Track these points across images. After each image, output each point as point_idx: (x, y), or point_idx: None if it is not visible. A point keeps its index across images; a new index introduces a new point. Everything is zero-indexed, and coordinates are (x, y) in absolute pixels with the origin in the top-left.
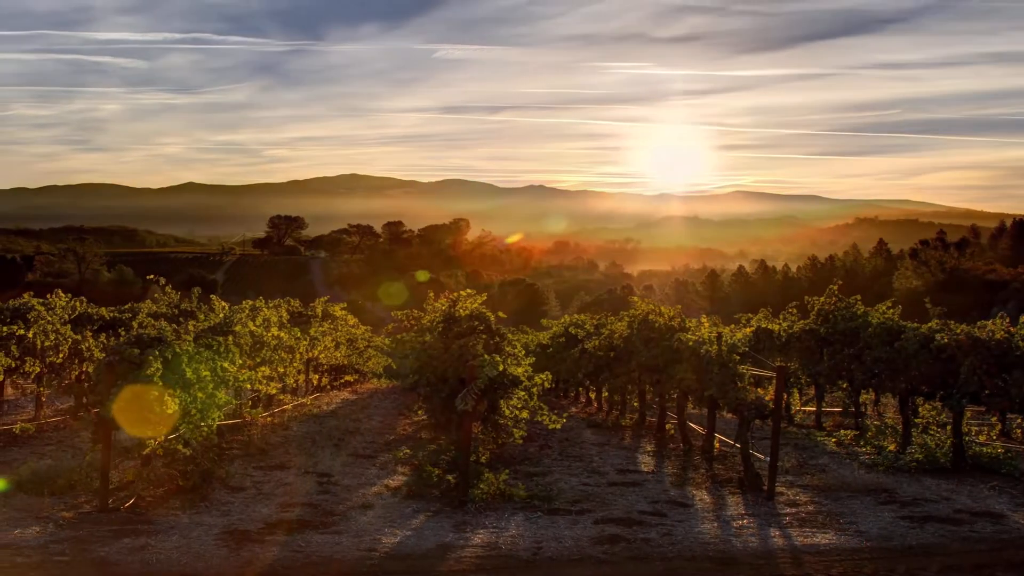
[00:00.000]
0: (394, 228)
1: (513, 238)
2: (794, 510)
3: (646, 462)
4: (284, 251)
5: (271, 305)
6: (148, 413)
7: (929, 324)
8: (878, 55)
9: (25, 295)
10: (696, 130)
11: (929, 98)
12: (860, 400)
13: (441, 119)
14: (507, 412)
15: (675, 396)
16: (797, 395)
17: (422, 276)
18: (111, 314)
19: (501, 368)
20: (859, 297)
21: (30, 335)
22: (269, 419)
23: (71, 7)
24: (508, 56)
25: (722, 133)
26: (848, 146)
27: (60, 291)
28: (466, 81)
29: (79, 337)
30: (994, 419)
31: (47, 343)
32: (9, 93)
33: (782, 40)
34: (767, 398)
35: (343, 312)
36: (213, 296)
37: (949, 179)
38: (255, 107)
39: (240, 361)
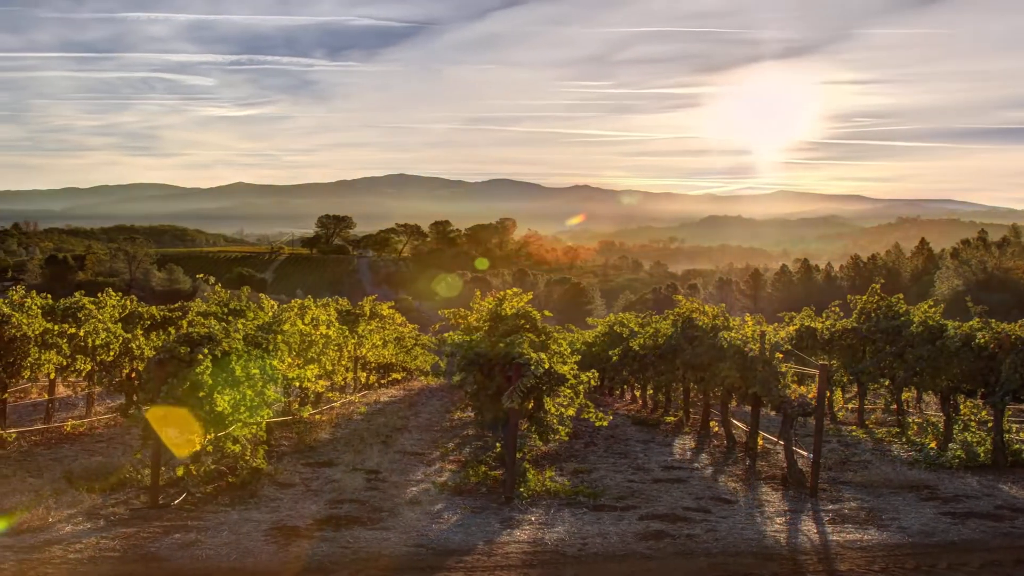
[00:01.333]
0: (441, 227)
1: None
2: (837, 506)
3: (690, 459)
4: (332, 250)
5: (320, 304)
6: (198, 411)
7: (970, 323)
8: (817, 75)
9: (76, 294)
10: (714, 135)
11: (897, 111)
12: (902, 398)
13: (467, 129)
14: (553, 410)
15: (719, 394)
16: (840, 393)
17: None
18: (161, 313)
19: (547, 366)
20: (901, 296)
21: (81, 333)
22: (318, 416)
23: (149, 35)
24: (503, 76)
25: (734, 138)
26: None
27: (111, 290)
28: (475, 96)
29: (130, 335)
30: None
31: (98, 341)
32: (84, 106)
33: (726, 63)
34: (810, 396)
35: (391, 311)
36: (262, 295)
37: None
38: (294, 118)
39: (289, 359)
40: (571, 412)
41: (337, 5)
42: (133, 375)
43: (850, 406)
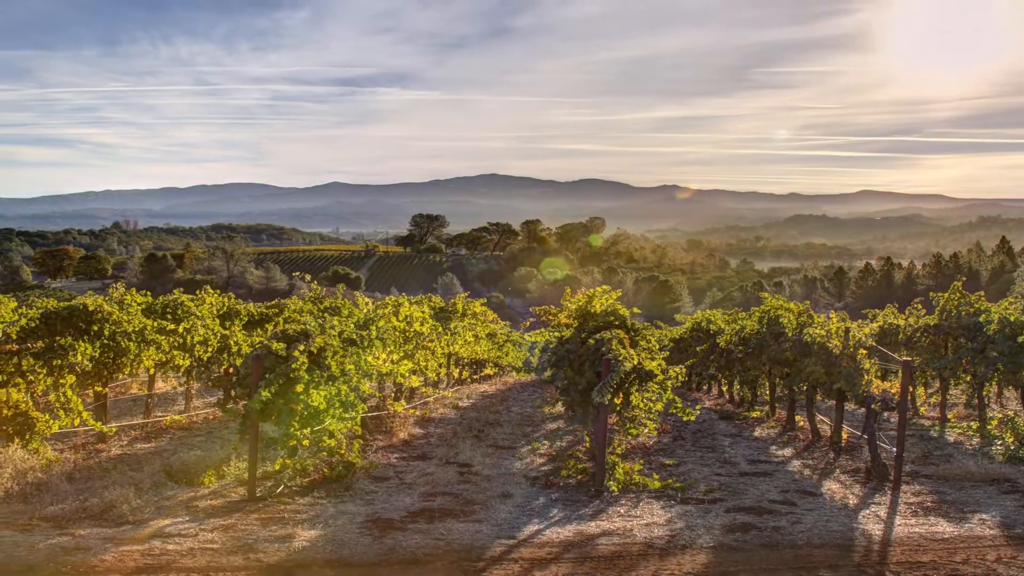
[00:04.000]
0: (532, 226)
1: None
2: (919, 499)
3: (776, 453)
4: (426, 249)
5: (413, 301)
6: (294, 405)
7: None
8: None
9: (175, 291)
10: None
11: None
12: (983, 393)
13: (518, 148)
14: (642, 404)
15: (804, 389)
16: (923, 388)
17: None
18: (258, 310)
19: (636, 362)
20: (982, 293)
21: (180, 330)
22: (412, 411)
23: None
24: (520, 103)
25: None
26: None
27: (209, 287)
28: (508, 116)
29: (227, 332)
30: None
31: (197, 338)
32: (206, 127)
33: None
34: (893, 391)
35: (482, 308)
36: (357, 292)
37: None
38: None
39: (383, 355)
40: (659, 407)
41: (393, 58)
42: (230, 371)
43: (932, 400)
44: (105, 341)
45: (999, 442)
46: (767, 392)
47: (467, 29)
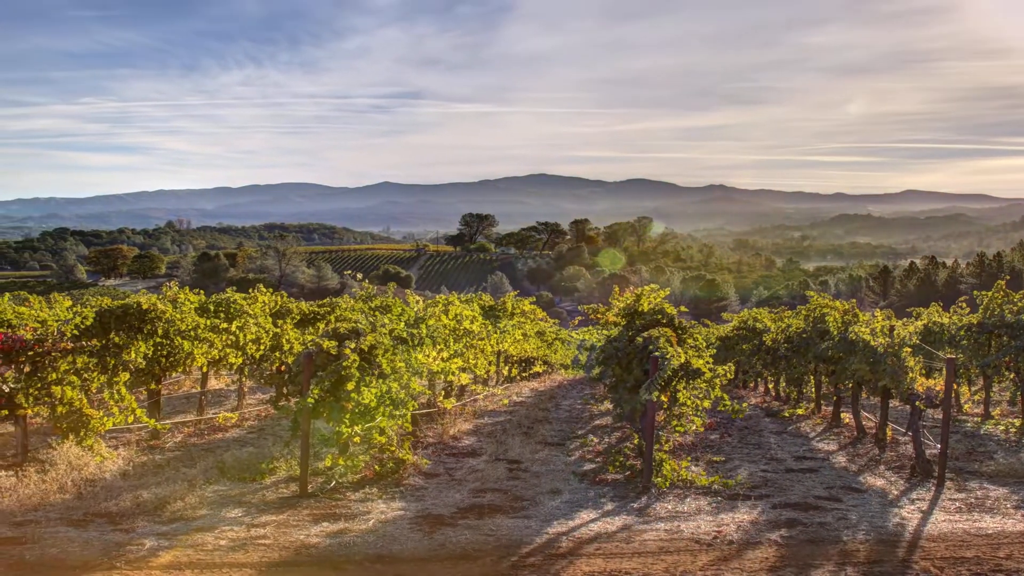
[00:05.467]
0: (580, 226)
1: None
2: (963, 495)
3: (822, 449)
4: (476, 248)
5: (463, 299)
6: (345, 403)
7: None
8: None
9: (228, 290)
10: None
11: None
12: None
13: (565, 155)
14: (689, 402)
15: (849, 386)
16: (967, 386)
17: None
18: (310, 308)
19: (683, 359)
20: None
21: (233, 328)
22: (461, 408)
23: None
24: (540, 114)
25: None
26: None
27: (261, 286)
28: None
29: (279, 330)
30: None
31: (249, 336)
32: (268, 135)
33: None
34: (937, 388)
35: (531, 306)
36: (407, 291)
37: None
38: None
39: (433, 353)
40: (706, 404)
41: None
42: (282, 368)
43: (976, 398)
44: (159, 339)
45: None
46: (812, 389)
47: (467, 54)
